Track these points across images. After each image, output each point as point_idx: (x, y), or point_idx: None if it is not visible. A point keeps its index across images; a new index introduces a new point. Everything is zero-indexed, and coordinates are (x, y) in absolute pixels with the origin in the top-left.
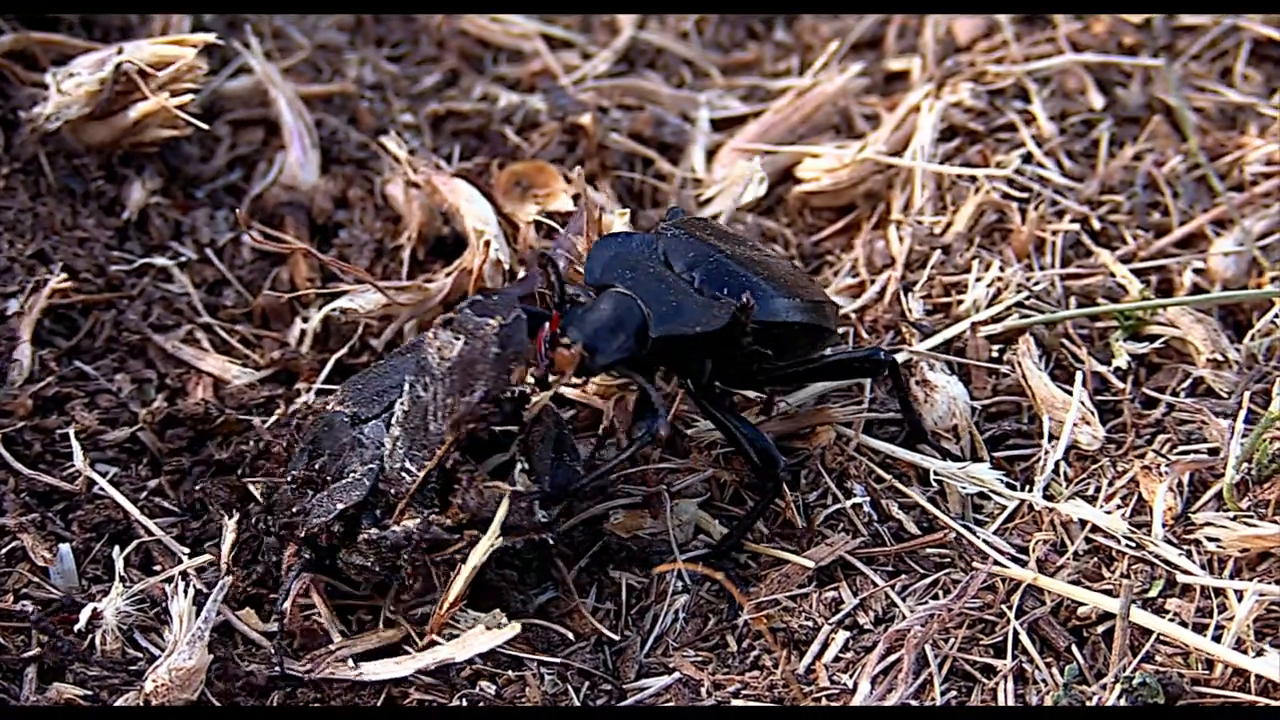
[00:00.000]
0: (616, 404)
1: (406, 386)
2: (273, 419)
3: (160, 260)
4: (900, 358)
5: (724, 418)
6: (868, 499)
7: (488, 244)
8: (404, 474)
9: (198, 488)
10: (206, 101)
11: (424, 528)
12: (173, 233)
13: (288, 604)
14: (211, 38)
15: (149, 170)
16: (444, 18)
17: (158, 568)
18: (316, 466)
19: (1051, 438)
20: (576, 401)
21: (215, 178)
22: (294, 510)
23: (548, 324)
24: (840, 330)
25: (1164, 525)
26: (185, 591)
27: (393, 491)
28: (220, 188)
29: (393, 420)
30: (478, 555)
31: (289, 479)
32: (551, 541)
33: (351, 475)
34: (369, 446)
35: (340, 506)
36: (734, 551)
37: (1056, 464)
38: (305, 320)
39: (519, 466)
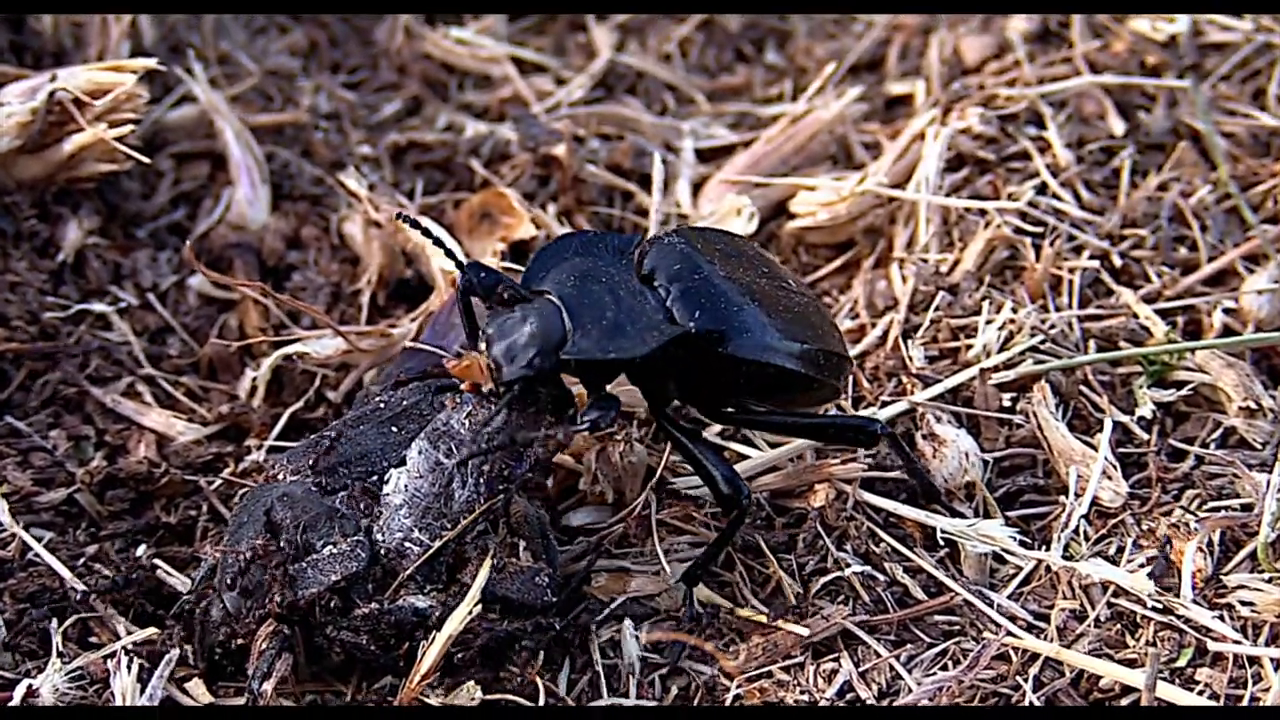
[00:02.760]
0: (599, 456)
1: (416, 453)
2: (221, 479)
3: (98, 306)
4: (901, 408)
5: (683, 439)
6: (867, 567)
7: (455, 285)
8: (409, 545)
9: (141, 554)
10: (148, 133)
11: (436, 605)
12: (112, 276)
13: (269, 685)
14: (152, 63)
15: (86, 208)
16: (405, 40)
17: (96, 639)
18: (282, 539)
19: (1070, 493)
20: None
21: (157, 216)
22: (267, 583)
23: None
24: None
25: (1193, 588)
26: (128, 668)
27: (390, 564)
28: (163, 227)
29: (387, 489)
30: (454, 624)
31: (245, 551)
32: (558, 627)
33: (336, 547)
34: (349, 517)
35: (335, 578)
36: (698, 578)
37: (1076, 521)
38: (256, 370)
39: (521, 545)
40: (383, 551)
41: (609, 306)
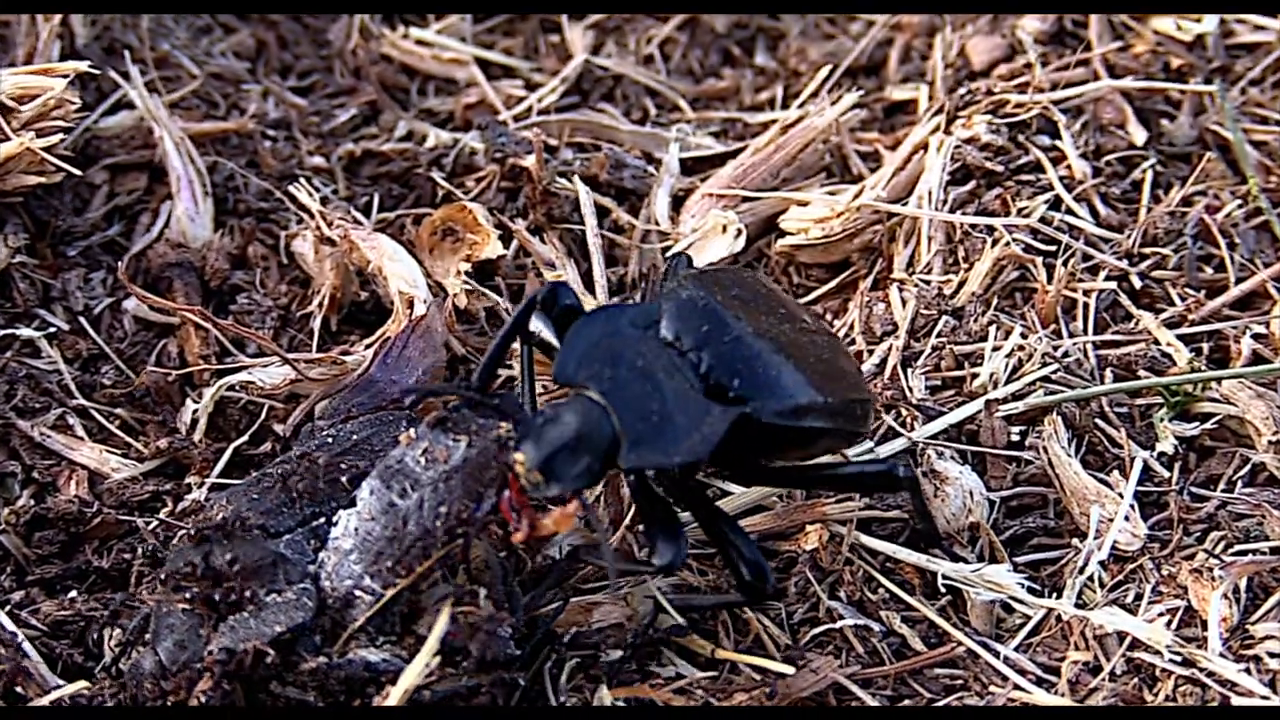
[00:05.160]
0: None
1: (367, 493)
2: (158, 520)
3: (25, 331)
4: (899, 444)
5: (710, 518)
6: (862, 617)
7: (412, 306)
8: (359, 593)
9: (70, 601)
10: (79, 142)
11: (390, 659)
12: (40, 298)
13: None
14: (84, 66)
15: (12, 224)
16: (361, 41)
17: (21, 691)
18: (222, 586)
19: (1084, 536)
20: None
21: (90, 233)
22: (205, 634)
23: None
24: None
25: (1219, 638)
26: None
27: (339, 614)
28: (96, 245)
29: (336, 532)
30: (409, 679)
31: (182, 599)
32: (523, 683)
33: (281, 595)
34: (295, 563)
35: (279, 629)
36: (683, 613)
37: (1090, 567)
38: (197, 402)
39: (482, 594)
40: (331, 600)
41: (653, 397)
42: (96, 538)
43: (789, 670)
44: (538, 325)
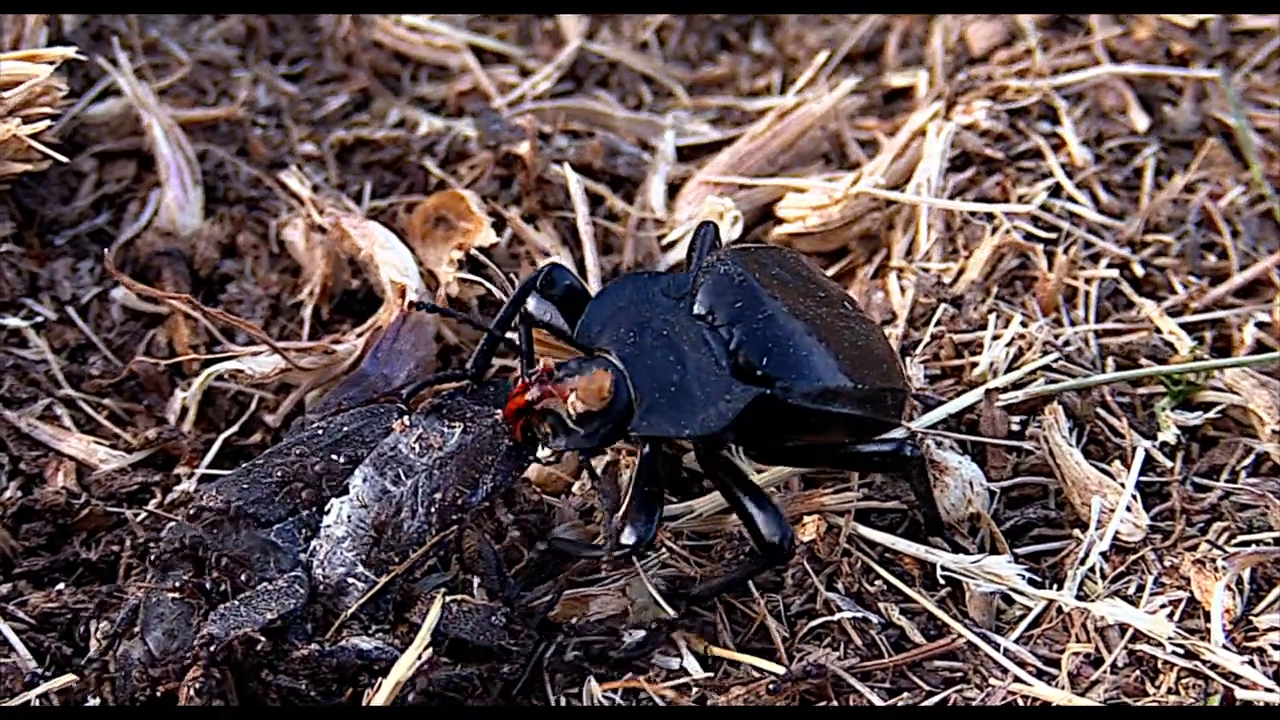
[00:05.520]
0: (606, 471)
1: (360, 480)
2: (146, 511)
3: (13, 320)
4: (898, 434)
5: (731, 482)
6: (860, 609)
7: (404, 295)
8: (352, 581)
9: (58, 594)
10: (67, 130)
11: (382, 648)
12: (27, 288)
13: None
14: (71, 52)
15: None
16: (352, 26)
17: (8, 686)
18: (213, 575)
19: (1085, 527)
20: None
21: (78, 221)
22: (195, 623)
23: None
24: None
25: (1223, 630)
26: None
27: (331, 602)
28: (84, 233)
29: (328, 520)
30: (402, 668)
31: (171, 589)
32: (519, 674)
33: (272, 583)
34: (286, 551)
35: (270, 617)
36: (700, 602)
37: (1092, 558)
38: (186, 392)
39: (476, 582)
40: (323, 588)
41: (674, 368)
42: (84, 529)
43: (779, 670)
44: (535, 308)
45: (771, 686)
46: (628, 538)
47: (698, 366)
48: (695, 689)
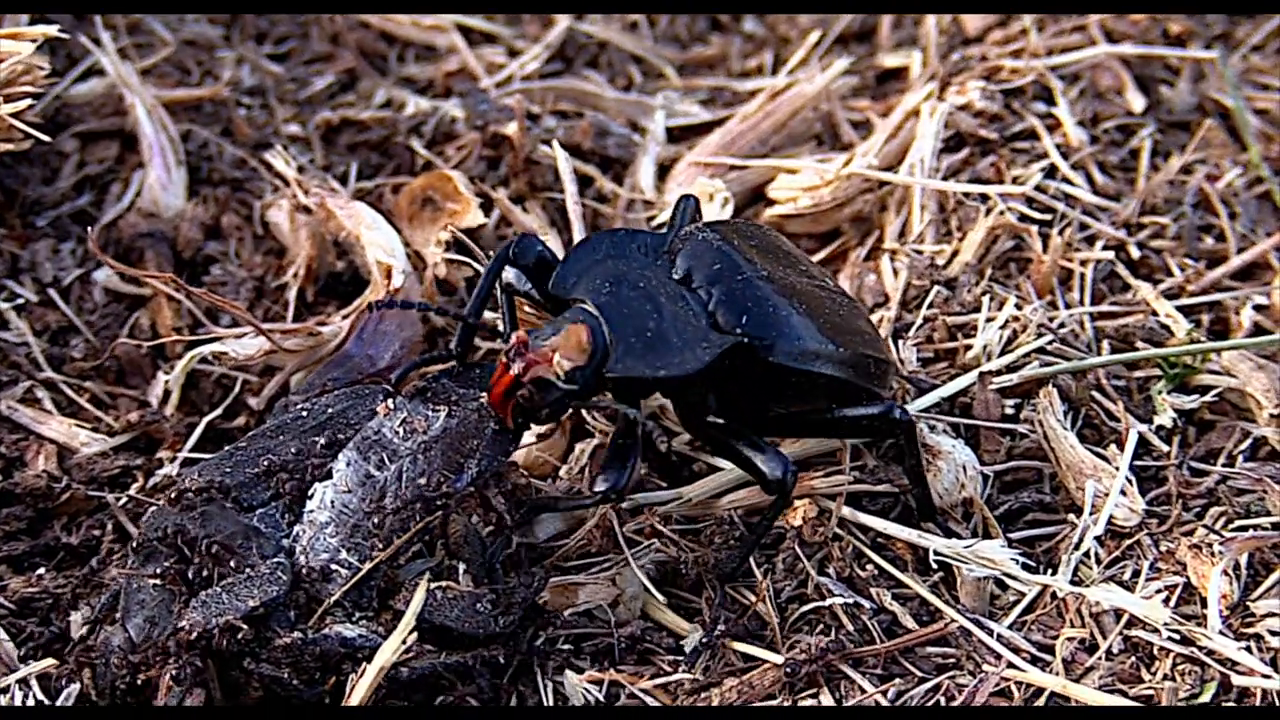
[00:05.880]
0: (595, 453)
1: (344, 465)
2: (128, 495)
3: None
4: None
5: (722, 438)
6: (851, 593)
7: (390, 276)
8: (335, 567)
9: (38, 579)
10: (49, 109)
11: (366, 635)
12: (8, 269)
13: None
14: (54, 31)
15: None
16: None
17: None
18: (194, 560)
19: (1080, 511)
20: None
21: (60, 202)
22: (176, 609)
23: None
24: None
25: (1219, 616)
26: (23, 703)
27: (314, 588)
28: (66, 214)
29: (311, 505)
30: (385, 656)
31: (152, 574)
32: (502, 660)
33: (254, 569)
34: (269, 536)
35: (252, 604)
36: (734, 576)
37: (1086, 543)
38: (169, 374)
39: (462, 569)
40: (306, 574)
41: (650, 316)
42: (65, 514)
43: (775, 658)
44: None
45: (788, 672)
46: (600, 485)
47: (675, 316)
48: (688, 684)
